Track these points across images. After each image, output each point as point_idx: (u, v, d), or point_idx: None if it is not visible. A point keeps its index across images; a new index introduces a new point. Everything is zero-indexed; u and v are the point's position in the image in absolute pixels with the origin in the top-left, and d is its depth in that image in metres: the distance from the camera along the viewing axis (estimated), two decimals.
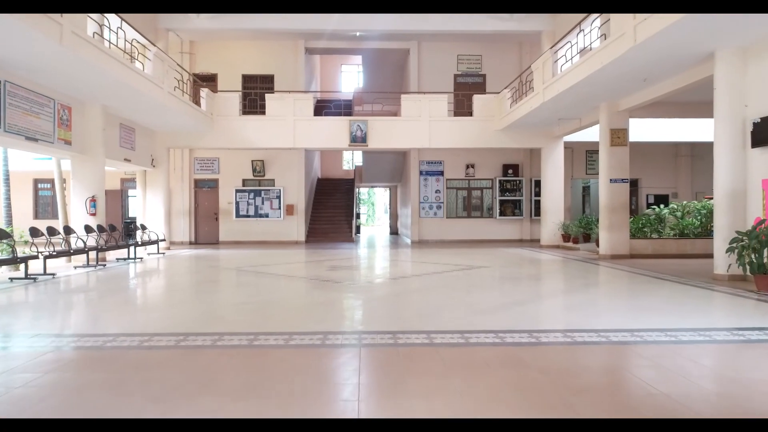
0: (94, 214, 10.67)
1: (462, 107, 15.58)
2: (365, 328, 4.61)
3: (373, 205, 41.87)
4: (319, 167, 23.21)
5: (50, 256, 8.46)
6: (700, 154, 18.13)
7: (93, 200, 10.66)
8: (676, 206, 12.86)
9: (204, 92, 13.91)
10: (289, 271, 9.04)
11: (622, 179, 11.17)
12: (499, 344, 3.99)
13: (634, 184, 18.42)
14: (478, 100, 14.82)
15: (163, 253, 12.47)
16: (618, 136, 11.14)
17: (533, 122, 13.54)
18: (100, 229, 10.38)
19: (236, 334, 4.35)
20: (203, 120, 13.69)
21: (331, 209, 19.75)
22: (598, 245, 12.41)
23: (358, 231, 22.97)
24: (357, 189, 22.78)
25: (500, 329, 4.47)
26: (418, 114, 14.63)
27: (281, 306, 5.73)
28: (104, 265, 10.10)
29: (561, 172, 14.87)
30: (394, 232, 24.81)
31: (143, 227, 12.47)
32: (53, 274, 8.42)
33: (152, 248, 12.84)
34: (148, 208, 14.47)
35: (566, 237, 14.48)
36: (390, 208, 25.83)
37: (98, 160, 10.80)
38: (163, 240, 12.65)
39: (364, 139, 14.54)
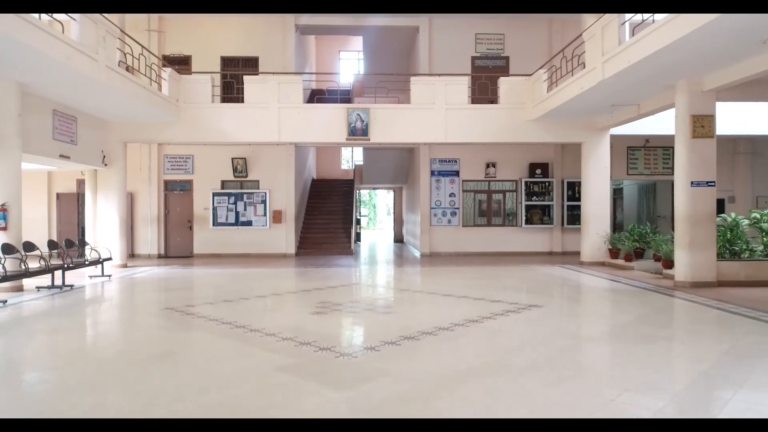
0: (4, 228, 7.96)
1: (482, 93, 12.86)
2: None
3: (375, 207, 39.13)
4: (313, 166, 20.49)
5: None
6: (760, 150, 15.42)
7: (3, 209, 7.95)
8: (759, 215, 10.12)
9: (166, 73, 11.19)
10: (255, 318, 6.31)
11: (707, 182, 8.45)
12: None
13: None
14: (504, 83, 12.09)
15: (109, 276, 9.77)
16: (702, 124, 8.41)
17: (576, 110, 10.82)
18: (6, 249, 7.63)
19: None
20: (165, 108, 10.97)
21: (326, 215, 17.03)
22: (666, 267, 9.69)
23: (358, 238, 20.28)
24: (357, 191, 20.07)
25: None
26: (431, 101, 11.91)
27: None
28: (4, 302, 7.37)
29: (607, 172, 12.14)
30: (398, 239, 22.08)
31: (82, 242, 9.73)
32: None
33: (107, 267, 10.11)
34: (99, 216, 11.75)
35: (614, 252, 11.75)
36: (394, 213, 23.11)
37: (11, 156, 8.06)
38: (108, 259, 9.94)
39: (365, 132, 11.82)
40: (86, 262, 9.07)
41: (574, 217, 14.89)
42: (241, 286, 8.94)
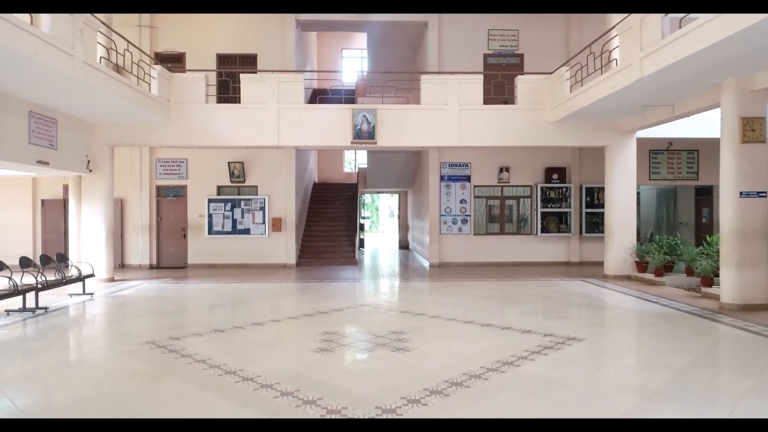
0: None
1: (499, 92, 11.94)
2: None
3: (377, 209, 38.19)
4: (315, 170, 19.59)
5: None
6: None
7: None
8: None
9: (155, 71, 10.27)
10: (249, 358, 5.41)
11: (759, 192, 7.53)
12: None
13: (707, 192, 14.79)
14: (522, 82, 11.16)
15: (91, 294, 8.86)
16: (752, 127, 7.49)
17: (603, 111, 9.91)
18: None
19: None
20: (155, 108, 10.06)
21: (328, 221, 16.11)
22: (705, 284, 8.78)
23: (361, 245, 19.36)
24: (361, 196, 19.15)
25: None
26: (443, 101, 10.99)
27: None
28: None
29: (633, 178, 11.22)
30: (404, 245, 21.17)
31: (61, 257, 8.82)
32: None
33: (92, 282, 9.20)
34: (83, 225, 10.84)
35: (641, 265, 10.84)
36: (399, 218, 22.18)
37: None
38: (90, 276, 9.02)
39: (371, 135, 10.91)
40: (64, 280, 8.15)
41: (593, 225, 14.00)
42: (236, 308, 8.03)
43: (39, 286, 7.53)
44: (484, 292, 9.33)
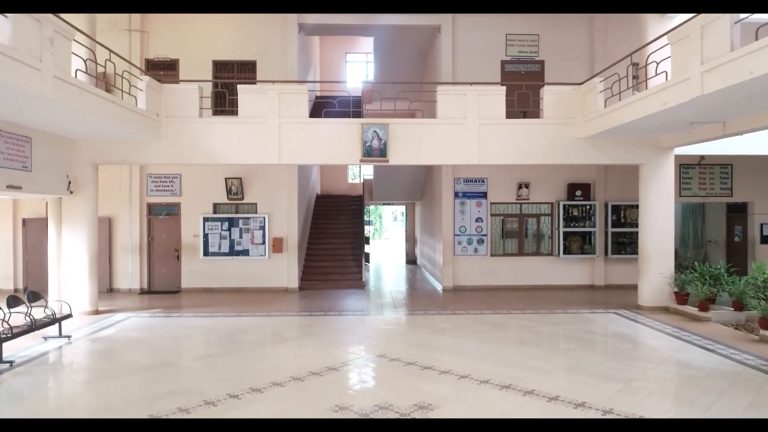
0: None
1: (523, 105, 10.90)
2: None
3: (381, 216, 37.12)
4: (318, 181, 18.55)
5: None
6: None
7: None
8: None
9: (143, 82, 9.21)
10: None
11: None
12: None
13: (740, 209, 13.75)
14: (549, 94, 10.11)
15: (69, 337, 7.82)
16: None
17: (643, 127, 8.87)
18: None
19: None
20: (142, 124, 9.03)
21: (333, 238, 15.07)
22: (762, 326, 7.73)
23: (367, 259, 18.31)
24: (367, 209, 18.11)
25: None
26: (461, 114, 9.95)
27: None
28: None
29: (671, 199, 10.18)
30: (411, 259, 20.14)
31: (32, 296, 7.73)
32: None
33: (70, 321, 8.15)
34: (65, 252, 9.79)
35: (682, 297, 9.80)
36: (406, 231, 21.13)
37: None
38: (67, 317, 7.97)
39: (383, 152, 9.86)
40: (34, 326, 7.09)
41: (619, 245, 12.96)
42: (232, 358, 6.98)
43: (2, 336, 6.47)
44: (512, 333, 8.29)
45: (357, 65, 20.60)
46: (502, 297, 11.68)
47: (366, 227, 18.35)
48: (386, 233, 38.02)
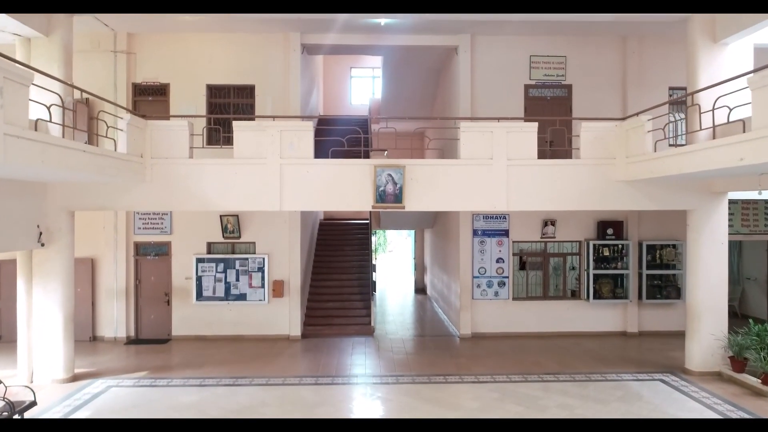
0: None
1: (559, 143, 9.70)
2: None
3: (384, 232, 35.75)
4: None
5: None
6: None
7: None
8: None
9: (124, 121, 8.01)
10: None
11: None
12: None
13: None
14: (587, 131, 8.91)
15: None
16: None
17: (696, 175, 7.68)
18: None
19: None
20: (122, 169, 7.84)
21: (338, 274, 13.86)
22: None
23: (373, 288, 17.12)
24: (373, 236, 16.91)
25: None
26: (487, 154, 8.75)
27: None
28: None
29: (724, 249, 8.96)
30: (420, 288, 18.96)
31: None
32: None
33: (40, 393, 6.95)
34: (35, 312, 8.59)
35: (738, 363, 8.60)
36: (415, 258, 19.93)
37: None
38: (31, 405, 6.77)
39: (398, 198, 8.66)
40: None
41: (654, 288, 11.77)
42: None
43: None
44: (549, 414, 7.11)
45: (363, 82, 19.39)
46: (527, 350, 10.50)
47: (374, 260, 17.16)
48: (390, 245, 36.80)
